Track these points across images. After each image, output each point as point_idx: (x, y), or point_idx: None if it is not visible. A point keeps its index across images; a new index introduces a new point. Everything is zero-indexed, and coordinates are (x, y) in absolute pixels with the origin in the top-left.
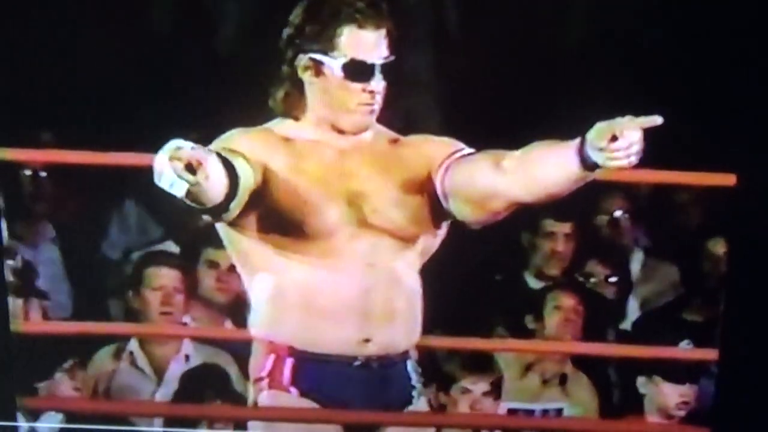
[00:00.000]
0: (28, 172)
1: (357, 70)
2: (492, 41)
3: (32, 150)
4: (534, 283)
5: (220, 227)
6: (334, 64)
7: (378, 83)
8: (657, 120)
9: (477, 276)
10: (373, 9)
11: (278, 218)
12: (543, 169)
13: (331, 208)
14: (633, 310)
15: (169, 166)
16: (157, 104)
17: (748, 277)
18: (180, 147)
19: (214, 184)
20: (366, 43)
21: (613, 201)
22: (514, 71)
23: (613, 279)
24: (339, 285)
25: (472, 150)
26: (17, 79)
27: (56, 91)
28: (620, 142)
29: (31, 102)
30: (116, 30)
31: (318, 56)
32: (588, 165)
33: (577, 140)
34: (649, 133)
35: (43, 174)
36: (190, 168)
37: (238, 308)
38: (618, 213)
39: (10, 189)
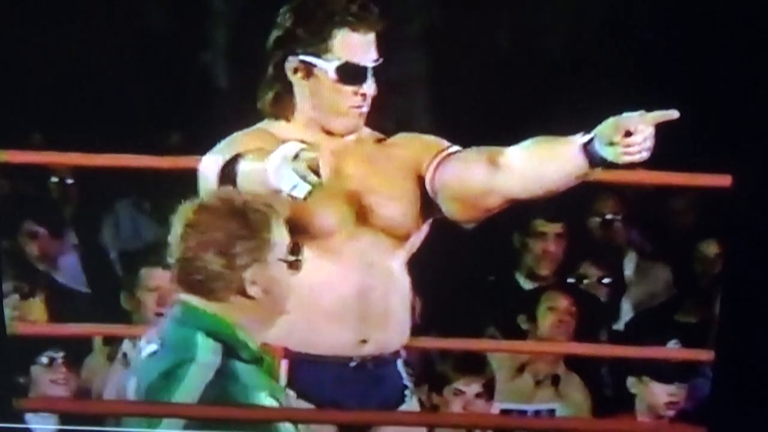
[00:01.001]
0: (55, 180)
1: (350, 73)
2: (483, 41)
3: (26, 152)
4: (526, 284)
5: None
6: (327, 66)
7: (370, 86)
8: (673, 114)
9: (469, 277)
10: (366, 12)
11: None
12: (544, 166)
13: (331, 207)
14: (626, 311)
15: (292, 168)
16: (152, 105)
17: (745, 277)
18: (304, 148)
19: None
20: (359, 46)
21: (606, 202)
22: (507, 71)
23: (606, 280)
24: (338, 285)
25: (459, 147)
26: (11, 81)
27: (51, 93)
28: (635, 137)
29: (23, 104)
30: (111, 32)
31: (310, 58)
32: (595, 161)
33: (580, 135)
34: None
35: (70, 181)
36: (313, 169)
37: None
38: (611, 214)
39: (39, 197)
